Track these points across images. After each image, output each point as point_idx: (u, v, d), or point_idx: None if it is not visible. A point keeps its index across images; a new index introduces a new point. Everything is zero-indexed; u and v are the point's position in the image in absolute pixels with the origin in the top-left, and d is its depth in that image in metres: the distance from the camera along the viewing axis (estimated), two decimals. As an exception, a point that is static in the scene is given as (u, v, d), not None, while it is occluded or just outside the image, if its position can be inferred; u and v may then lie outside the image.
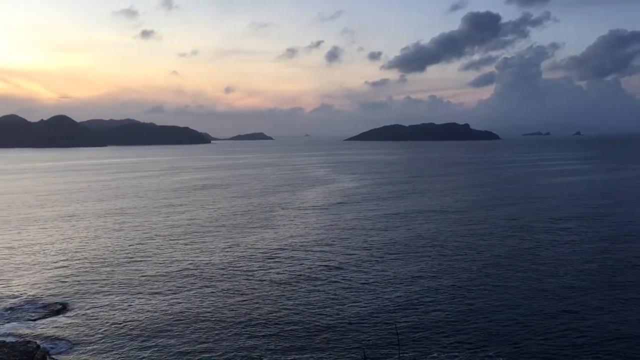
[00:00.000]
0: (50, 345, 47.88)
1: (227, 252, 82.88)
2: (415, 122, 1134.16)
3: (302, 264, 74.53)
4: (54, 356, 45.73)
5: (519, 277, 67.18)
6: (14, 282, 67.95)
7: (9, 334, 50.67)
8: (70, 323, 53.41)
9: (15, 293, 63.33)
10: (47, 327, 52.55)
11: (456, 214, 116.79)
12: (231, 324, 52.48)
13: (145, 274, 70.88)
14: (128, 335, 50.20)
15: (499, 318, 52.95)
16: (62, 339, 49.47)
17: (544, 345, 46.71)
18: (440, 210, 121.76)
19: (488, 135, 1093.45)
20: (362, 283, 65.67)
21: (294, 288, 63.60)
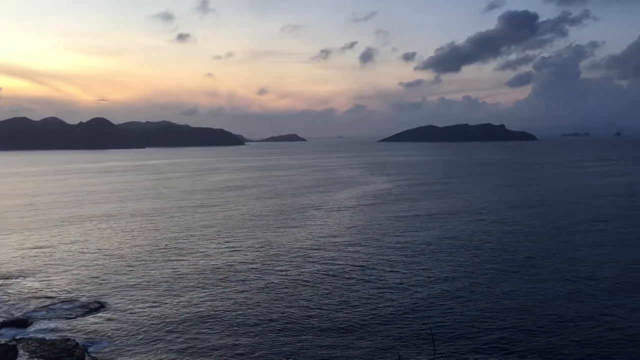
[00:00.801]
0: (89, 343, 48.86)
1: (260, 251, 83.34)
2: (450, 123, 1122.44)
3: (335, 264, 74.43)
4: (92, 354, 46.65)
5: (556, 279, 65.72)
6: (53, 280, 69.67)
7: (49, 331, 51.93)
8: (108, 321, 54.43)
9: (55, 291, 64.90)
10: (85, 324, 53.65)
11: (491, 214, 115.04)
12: (265, 322, 52.65)
13: (180, 272, 71.87)
14: (164, 333, 50.90)
15: (535, 320, 51.87)
16: (100, 337, 50.44)
17: (579, 348, 45.60)
18: (475, 211, 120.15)
19: (524, 136, 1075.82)
20: (396, 283, 65.22)
21: (327, 287, 63.52)
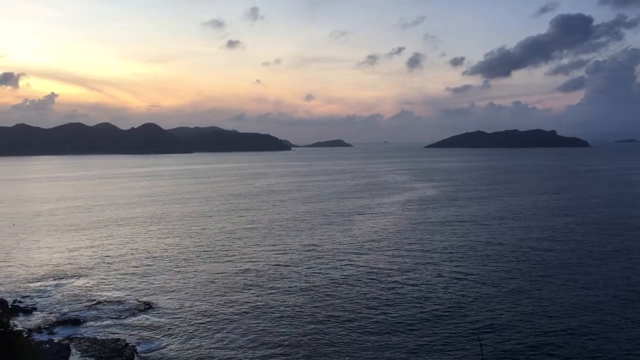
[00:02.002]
0: (138, 343, 49.99)
1: (305, 253, 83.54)
2: (499, 128, 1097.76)
3: (378, 267, 73.95)
4: (141, 354, 47.70)
5: (608, 285, 63.47)
6: (104, 280, 71.71)
7: (100, 331, 53.41)
8: (156, 321, 55.62)
9: (106, 291, 66.78)
10: (134, 324, 54.96)
11: (539, 221, 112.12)
12: (310, 321, 52.76)
13: (226, 273, 72.86)
14: (211, 333, 51.63)
15: (586, 332, 50.17)
16: (148, 337, 51.55)
17: (630, 356, 43.91)
18: (523, 218, 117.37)
19: (576, 142, 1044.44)
20: (443, 288, 64.34)
21: (372, 291, 63.09)
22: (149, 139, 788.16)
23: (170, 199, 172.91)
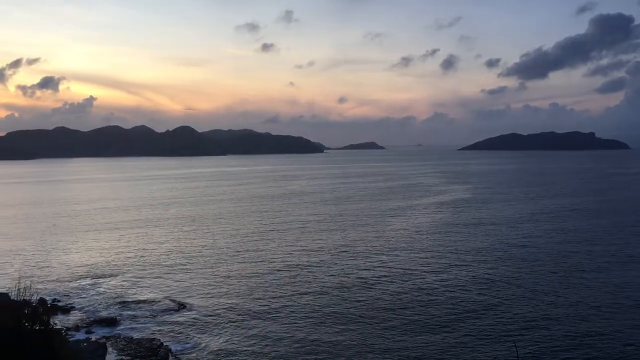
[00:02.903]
0: (173, 342, 50.56)
1: (338, 254, 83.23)
2: (535, 130, 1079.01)
3: (411, 269, 73.15)
4: (175, 353, 48.21)
5: (653, 298, 61.56)
6: (139, 280, 72.82)
7: (136, 330, 54.21)
8: (191, 321, 56.15)
9: (141, 291, 67.78)
10: (169, 324, 55.60)
11: (577, 223, 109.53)
12: (343, 322, 52.55)
13: (259, 274, 73.12)
14: (245, 333, 51.82)
15: (623, 337, 48.65)
16: (183, 337, 52.09)
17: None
18: (559, 220, 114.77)
19: (616, 145, 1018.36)
20: (477, 290, 63.35)
21: (404, 292, 62.42)
22: (183, 141, 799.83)
23: (204, 200, 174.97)
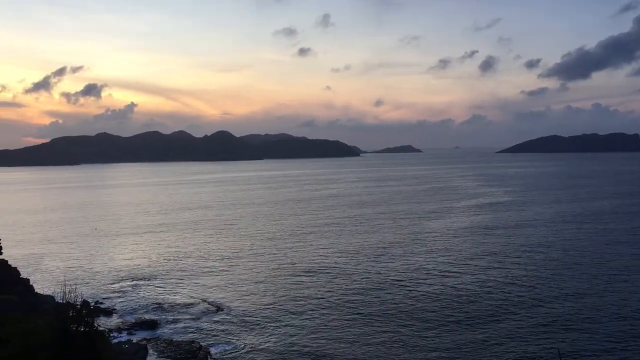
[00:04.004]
0: (212, 345, 51.31)
1: (375, 257, 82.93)
2: (576, 132, 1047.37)
3: (451, 275, 72.33)
4: (214, 356, 48.93)
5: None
6: (179, 283, 74.11)
7: (175, 333, 55.23)
8: (229, 324, 56.86)
9: (181, 294, 68.98)
10: (208, 327, 56.45)
11: (618, 225, 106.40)
12: (381, 321, 52.42)
13: (297, 276, 73.43)
14: (281, 334, 52.25)
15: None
16: (222, 339, 52.81)
17: None
18: (602, 222, 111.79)
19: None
20: (518, 295, 62.17)
21: (445, 297, 61.82)
22: (221, 146, 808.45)
23: (242, 203, 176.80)
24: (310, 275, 76.22)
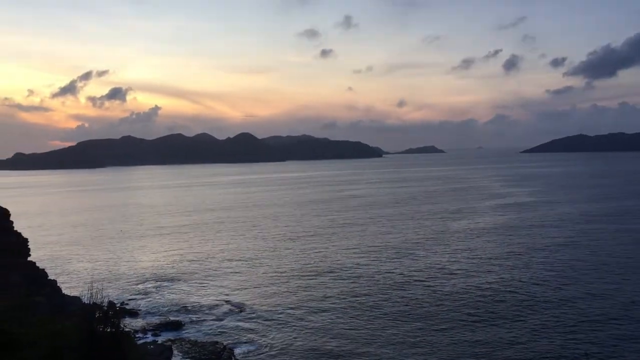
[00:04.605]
0: (235, 346, 51.60)
1: (397, 258, 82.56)
2: (602, 131, 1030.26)
3: (477, 277, 71.64)
4: (238, 356, 49.19)
5: None
6: (203, 284, 74.69)
7: (200, 334, 55.69)
8: (253, 325, 57.11)
9: (204, 295, 69.49)
10: (232, 328, 56.79)
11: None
12: (403, 323, 52.18)
13: (318, 278, 73.38)
14: (304, 336, 52.31)
15: None
16: (245, 340, 53.10)
17: None
18: (628, 224, 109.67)
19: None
20: (544, 297, 61.38)
21: (472, 300, 61.29)
22: (244, 148, 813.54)
23: (265, 205, 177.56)
24: (333, 276, 76.26)
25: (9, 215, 53.87)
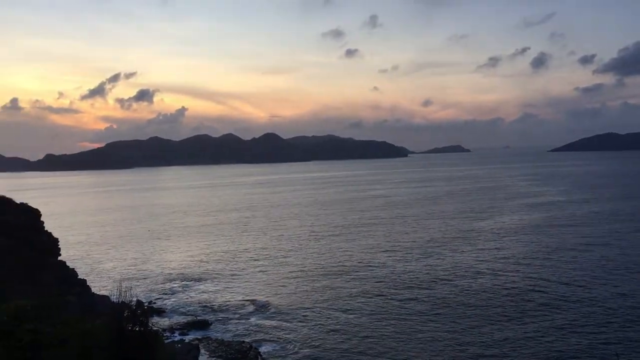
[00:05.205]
0: (261, 345, 51.78)
1: (422, 258, 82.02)
2: (634, 129, 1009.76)
3: (504, 276, 70.69)
4: (264, 356, 49.33)
5: None
6: (229, 284, 75.16)
7: (226, 333, 56.04)
8: (279, 324, 57.28)
9: (231, 294, 69.91)
10: (258, 327, 57.02)
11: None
12: (440, 326, 51.75)
13: (345, 274, 73.29)
14: (330, 336, 52.20)
15: None
16: (271, 340, 53.26)
17: None
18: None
19: None
20: (573, 301, 60.26)
21: (500, 298, 60.54)
22: (269, 148, 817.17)
23: (290, 204, 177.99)
24: (359, 275, 76.11)
25: (40, 215, 54.87)
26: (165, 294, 71.81)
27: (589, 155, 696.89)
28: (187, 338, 53.95)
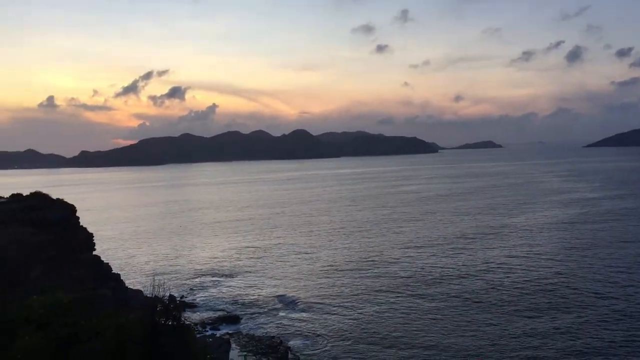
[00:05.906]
0: (291, 340, 52.01)
1: (454, 255, 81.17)
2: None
3: (536, 271, 69.50)
4: (294, 351, 49.54)
5: None
6: (259, 279, 75.67)
7: (257, 328, 56.44)
8: (309, 320, 57.46)
9: (261, 290, 70.38)
10: (288, 322, 57.30)
11: None
12: (471, 319, 51.26)
13: (374, 276, 72.95)
14: (360, 333, 52.14)
15: None
16: (301, 335, 53.47)
17: None
18: None
19: None
20: (607, 297, 58.95)
21: (531, 294, 59.56)
22: (299, 144, 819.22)
23: (319, 200, 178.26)
24: (389, 270, 76.02)
25: (76, 211, 56.01)
26: (197, 288, 72.68)
27: (625, 151, 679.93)
28: (219, 333, 54.54)
